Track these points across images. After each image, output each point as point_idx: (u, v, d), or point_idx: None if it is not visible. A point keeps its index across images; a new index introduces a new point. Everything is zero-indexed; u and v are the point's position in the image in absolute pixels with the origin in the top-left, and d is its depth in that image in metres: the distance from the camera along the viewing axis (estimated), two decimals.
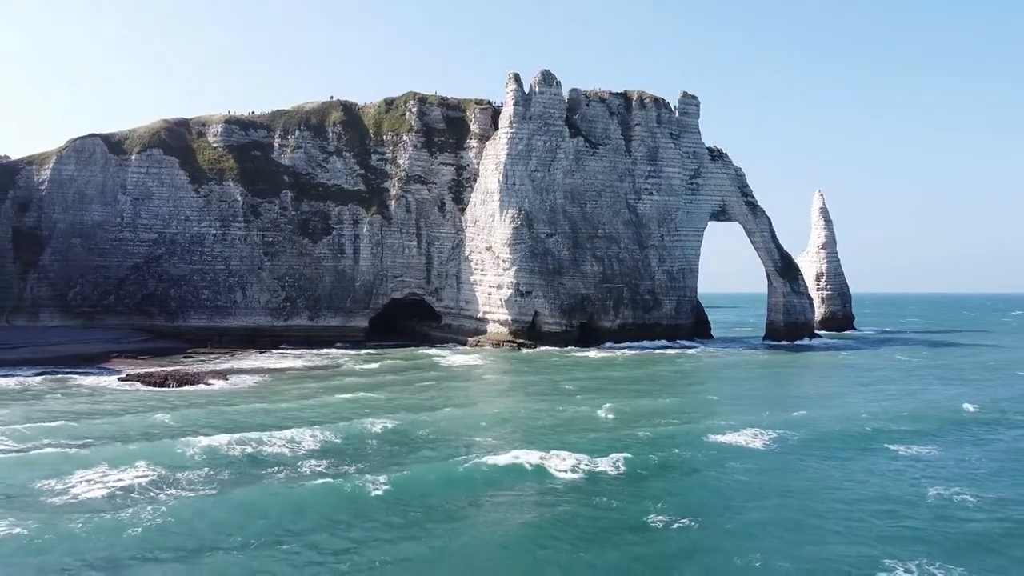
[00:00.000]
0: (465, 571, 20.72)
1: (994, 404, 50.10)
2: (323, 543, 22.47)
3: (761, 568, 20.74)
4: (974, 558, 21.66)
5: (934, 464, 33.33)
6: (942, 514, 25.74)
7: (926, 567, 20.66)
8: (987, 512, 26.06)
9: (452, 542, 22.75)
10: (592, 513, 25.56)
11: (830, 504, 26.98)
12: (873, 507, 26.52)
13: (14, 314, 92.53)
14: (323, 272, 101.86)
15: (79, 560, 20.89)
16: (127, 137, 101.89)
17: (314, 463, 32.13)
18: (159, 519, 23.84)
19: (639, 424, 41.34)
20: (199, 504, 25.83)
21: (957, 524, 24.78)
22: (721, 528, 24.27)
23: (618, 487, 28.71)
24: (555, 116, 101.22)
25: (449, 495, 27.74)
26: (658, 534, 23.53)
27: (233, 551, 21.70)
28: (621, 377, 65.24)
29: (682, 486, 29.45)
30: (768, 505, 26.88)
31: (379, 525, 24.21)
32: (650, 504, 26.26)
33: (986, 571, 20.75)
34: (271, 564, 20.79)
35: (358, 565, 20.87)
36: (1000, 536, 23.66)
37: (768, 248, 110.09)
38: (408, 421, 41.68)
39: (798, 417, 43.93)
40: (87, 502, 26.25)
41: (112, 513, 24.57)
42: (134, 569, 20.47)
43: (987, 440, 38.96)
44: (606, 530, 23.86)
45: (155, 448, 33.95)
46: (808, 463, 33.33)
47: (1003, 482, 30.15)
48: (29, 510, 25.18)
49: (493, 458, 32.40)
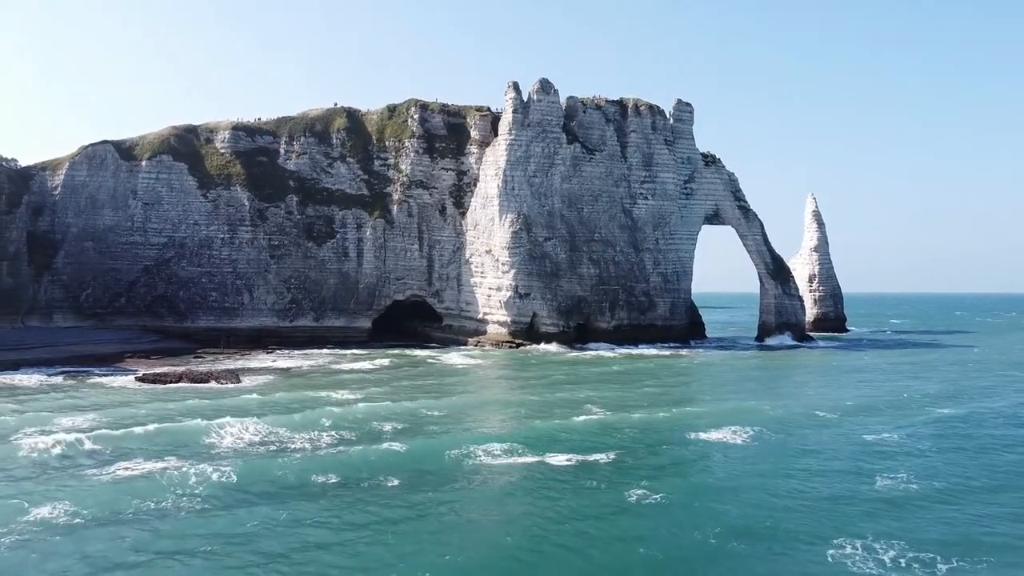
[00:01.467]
0: (461, 528, 23.81)
1: (959, 400, 53.25)
2: (343, 499, 25.70)
3: (719, 536, 23.85)
4: (908, 528, 24.73)
5: (890, 452, 36.46)
6: (887, 496, 28.96)
7: (870, 543, 23.65)
8: (926, 492, 29.19)
9: (451, 506, 25.89)
10: (576, 491, 28.79)
11: (790, 486, 30.27)
12: (829, 490, 29.72)
13: (29, 315, 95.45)
14: (327, 274, 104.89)
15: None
16: (137, 143, 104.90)
17: (329, 441, 35.35)
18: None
19: (627, 418, 44.49)
20: (261, 463, 29.01)
21: (898, 503, 27.92)
22: (689, 505, 27.50)
23: (602, 471, 31.89)
24: (553, 123, 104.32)
25: (447, 469, 30.90)
26: (632, 508, 26.83)
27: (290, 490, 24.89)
28: (614, 375, 68.32)
29: (659, 471, 32.59)
30: (733, 487, 30.12)
31: (388, 488, 27.33)
32: (628, 485, 29.47)
33: (915, 538, 23.75)
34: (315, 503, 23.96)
35: (371, 514, 23.98)
36: (934, 514, 26.75)
37: (760, 251, 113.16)
38: (411, 413, 44.80)
39: (776, 412, 47.10)
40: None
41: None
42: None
43: (944, 432, 42.00)
44: (588, 504, 27.20)
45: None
46: (777, 453, 36.50)
47: (948, 469, 33.20)
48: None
49: (488, 445, 35.64)
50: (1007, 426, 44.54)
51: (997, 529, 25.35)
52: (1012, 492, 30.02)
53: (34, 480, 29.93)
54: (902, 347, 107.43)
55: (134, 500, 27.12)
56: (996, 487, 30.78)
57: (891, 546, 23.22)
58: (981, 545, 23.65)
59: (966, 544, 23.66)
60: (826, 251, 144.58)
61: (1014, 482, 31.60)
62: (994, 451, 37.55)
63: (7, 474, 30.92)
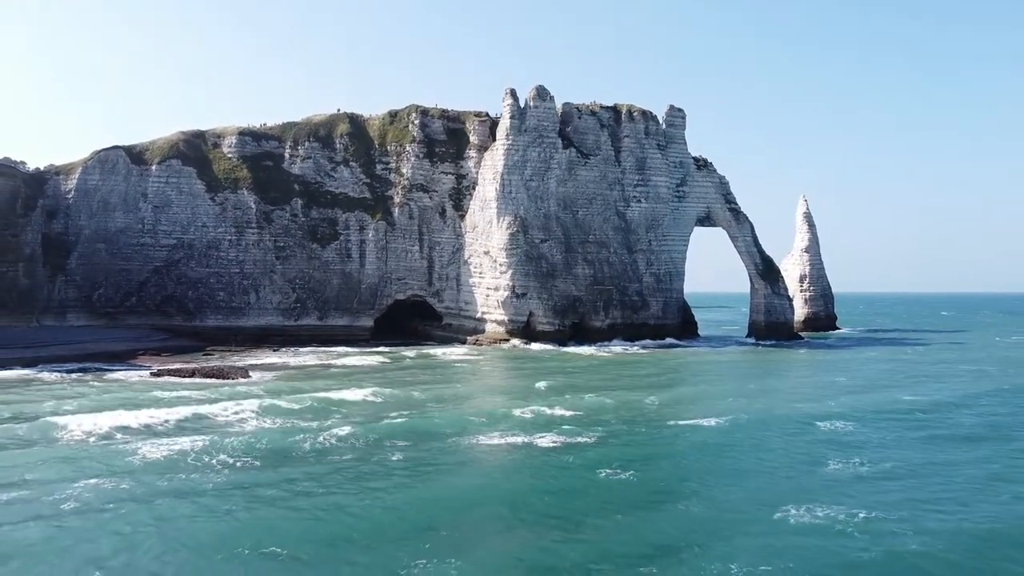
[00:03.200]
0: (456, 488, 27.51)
1: (927, 394, 56.90)
2: (354, 469, 29.45)
3: (681, 507, 27.45)
4: (848, 495, 28.34)
5: (847, 439, 40.09)
6: (834, 472, 32.68)
7: (812, 509, 27.21)
8: (872, 470, 32.82)
9: (446, 477, 29.56)
10: (558, 467, 32.51)
11: (747, 463, 34.05)
12: (783, 466, 33.44)
13: (43, 314, 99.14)
14: (331, 275, 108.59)
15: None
16: (147, 148, 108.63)
17: (338, 425, 39.12)
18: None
19: (611, 407, 48.25)
20: (279, 443, 32.69)
21: (843, 478, 31.57)
22: (655, 480, 31.17)
23: (584, 451, 35.53)
24: (549, 129, 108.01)
25: (444, 448, 34.57)
26: (601, 482, 30.50)
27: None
28: (603, 371, 71.94)
29: (632, 450, 36.30)
30: (697, 467, 33.86)
31: (392, 461, 31.02)
32: (604, 463, 33.10)
33: (852, 503, 27.31)
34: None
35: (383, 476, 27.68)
36: (873, 486, 30.38)
37: (750, 252, 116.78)
38: (412, 401, 48.47)
39: (749, 402, 50.77)
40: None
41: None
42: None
43: (904, 421, 45.59)
44: (565, 476, 30.97)
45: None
46: (741, 437, 40.21)
47: (896, 455, 36.77)
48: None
49: (481, 429, 39.37)
50: (961, 414, 48.10)
51: (922, 495, 28.93)
52: (952, 468, 33.58)
53: (81, 459, 33.54)
54: (886, 345, 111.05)
55: (171, 473, 30.79)
56: (937, 464, 34.34)
57: (829, 508, 26.75)
58: (908, 508, 27.23)
59: (894, 506, 27.23)
60: (817, 252, 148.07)
61: (954, 460, 35.15)
62: (943, 438, 41.05)
63: (55, 453, 34.59)
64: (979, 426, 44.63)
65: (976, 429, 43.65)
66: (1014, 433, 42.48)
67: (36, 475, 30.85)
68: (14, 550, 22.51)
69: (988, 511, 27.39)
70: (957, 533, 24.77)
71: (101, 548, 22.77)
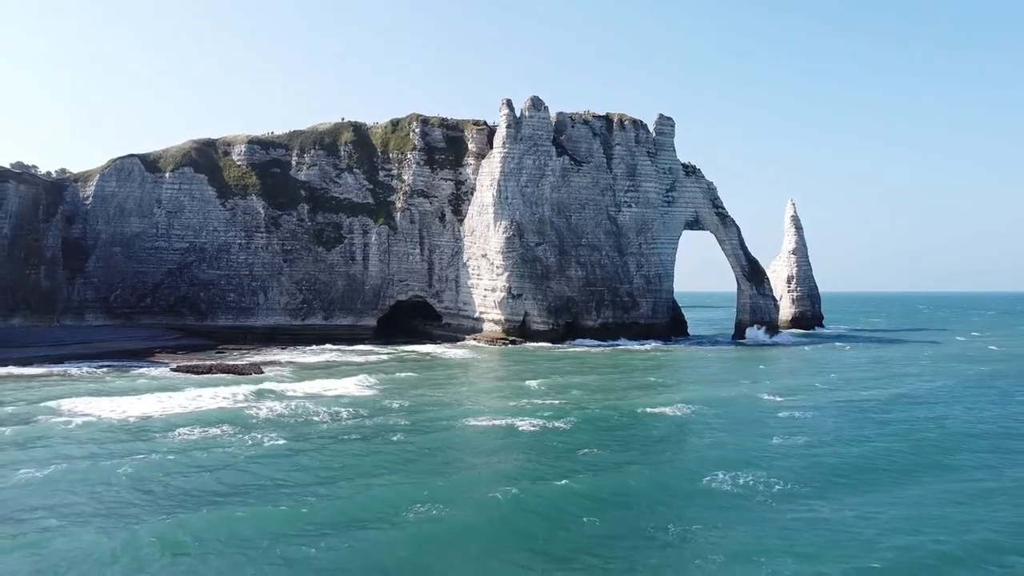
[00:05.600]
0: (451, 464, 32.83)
1: (882, 385, 62.11)
2: (363, 446, 34.71)
3: (639, 478, 32.69)
4: (777, 467, 33.57)
5: (797, 421, 45.39)
6: (773, 448, 38.00)
7: (738, 474, 32.37)
8: (808, 448, 38.10)
9: (441, 451, 34.89)
10: (541, 448, 37.70)
11: (700, 441, 39.42)
12: (730, 443, 38.79)
13: (63, 315, 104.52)
14: (336, 277, 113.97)
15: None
16: (161, 156, 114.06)
17: (347, 414, 44.36)
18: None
19: (593, 396, 53.62)
20: (296, 427, 38.02)
21: (780, 453, 36.87)
22: (617, 452, 36.62)
23: (564, 435, 40.84)
24: (543, 137, 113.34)
25: (440, 431, 39.91)
26: (577, 458, 35.77)
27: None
28: (594, 367, 77.06)
29: (604, 432, 41.77)
30: (659, 447, 39.16)
31: (394, 441, 36.34)
32: (577, 440, 38.72)
33: (776, 473, 32.54)
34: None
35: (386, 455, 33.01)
36: (803, 462, 35.66)
37: (737, 255, 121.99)
38: (413, 393, 53.80)
39: (719, 392, 56.05)
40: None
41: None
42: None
43: (851, 408, 50.80)
44: (546, 455, 36.10)
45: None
46: (702, 422, 45.54)
47: (838, 439, 42.01)
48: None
49: (475, 415, 44.66)
50: (911, 407, 53.22)
51: (848, 472, 34.18)
52: (879, 442, 38.84)
53: (124, 439, 38.90)
54: (867, 342, 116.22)
55: (207, 450, 36.12)
56: (860, 440, 39.60)
57: (754, 477, 32.00)
58: (832, 480, 32.48)
59: (816, 480, 32.48)
60: (804, 253, 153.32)
61: (890, 446, 40.39)
62: (891, 423, 46.23)
63: (102, 434, 39.94)
64: (913, 411, 49.90)
65: (910, 412, 48.96)
66: (943, 421, 47.65)
67: (90, 450, 36.20)
68: (86, 506, 27.90)
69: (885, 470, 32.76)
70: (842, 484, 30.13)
71: (159, 506, 28.13)
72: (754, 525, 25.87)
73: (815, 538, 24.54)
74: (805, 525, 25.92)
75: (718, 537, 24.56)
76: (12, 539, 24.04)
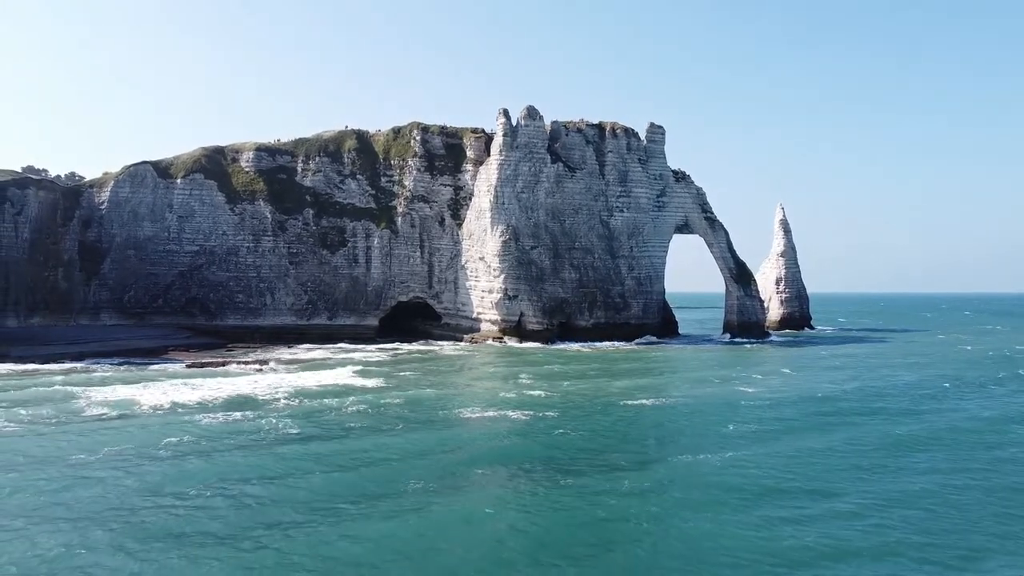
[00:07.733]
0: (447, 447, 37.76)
1: (849, 381, 66.94)
2: (369, 431, 39.64)
3: (611, 458, 37.60)
4: (726, 448, 38.48)
5: (756, 409, 50.26)
6: (727, 433, 43.00)
7: (696, 454, 37.36)
8: (759, 432, 43.00)
9: (438, 438, 39.86)
10: (527, 431, 42.69)
11: (665, 431, 44.36)
12: (691, 430, 43.74)
13: (80, 315, 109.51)
14: (340, 279, 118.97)
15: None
16: (172, 163, 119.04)
17: (353, 405, 49.32)
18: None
19: (581, 392, 58.45)
20: (308, 414, 42.97)
21: (732, 438, 41.82)
22: (592, 437, 41.62)
23: (550, 421, 45.80)
24: (538, 145, 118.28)
25: (437, 419, 44.84)
26: (556, 438, 40.83)
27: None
28: (585, 364, 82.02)
29: (584, 419, 46.73)
30: (633, 432, 44.07)
31: (396, 429, 41.26)
32: (560, 427, 43.66)
33: (729, 454, 37.41)
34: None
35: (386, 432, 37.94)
36: (757, 446, 40.58)
37: (725, 257, 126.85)
38: (413, 387, 58.75)
39: (695, 387, 60.94)
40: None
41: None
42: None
43: (812, 402, 55.66)
44: (531, 436, 41.17)
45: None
46: (672, 412, 50.46)
47: (786, 423, 46.91)
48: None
49: (469, 406, 49.63)
50: (865, 399, 58.16)
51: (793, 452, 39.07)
52: (827, 433, 43.71)
53: (156, 424, 43.86)
54: (849, 342, 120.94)
55: (231, 436, 41.07)
56: (806, 428, 44.49)
57: (707, 454, 36.99)
58: (764, 452, 37.40)
59: (753, 452, 37.39)
60: (792, 256, 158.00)
61: (835, 431, 45.27)
62: (841, 413, 51.13)
63: (137, 421, 44.89)
64: (870, 404, 54.81)
65: (866, 405, 53.85)
66: (903, 416, 52.55)
67: (128, 435, 41.15)
68: (133, 481, 32.89)
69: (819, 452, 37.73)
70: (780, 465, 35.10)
71: (191, 482, 33.09)
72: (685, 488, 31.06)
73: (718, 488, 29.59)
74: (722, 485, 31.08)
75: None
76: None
